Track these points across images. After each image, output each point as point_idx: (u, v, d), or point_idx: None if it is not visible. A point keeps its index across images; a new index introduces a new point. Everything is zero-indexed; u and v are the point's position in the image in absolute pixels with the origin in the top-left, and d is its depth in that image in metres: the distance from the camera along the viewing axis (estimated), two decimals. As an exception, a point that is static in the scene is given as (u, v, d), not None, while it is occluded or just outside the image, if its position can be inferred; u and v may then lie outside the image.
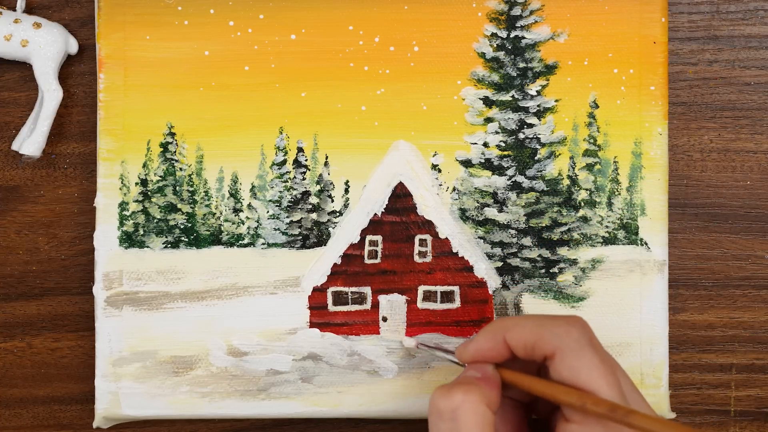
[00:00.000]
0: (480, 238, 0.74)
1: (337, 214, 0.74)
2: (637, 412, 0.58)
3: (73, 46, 0.74)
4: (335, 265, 0.74)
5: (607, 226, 0.74)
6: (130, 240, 0.73)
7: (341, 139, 0.74)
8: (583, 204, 0.74)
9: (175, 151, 0.73)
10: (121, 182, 0.73)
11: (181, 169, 0.74)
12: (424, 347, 0.70)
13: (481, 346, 0.63)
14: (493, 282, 0.74)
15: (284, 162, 0.74)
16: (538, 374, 0.65)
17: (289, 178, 0.74)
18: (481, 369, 0.64)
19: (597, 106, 0.74)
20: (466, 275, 0.74)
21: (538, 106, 0.74)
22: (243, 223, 0.74)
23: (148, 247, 0.73)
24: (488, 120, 0.74)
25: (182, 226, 0.74)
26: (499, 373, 0.64)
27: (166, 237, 0.74)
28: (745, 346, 0.76)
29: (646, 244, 0.73)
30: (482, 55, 0.74)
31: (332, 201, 0.74)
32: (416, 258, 0.74)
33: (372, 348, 0.73)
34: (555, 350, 0.61)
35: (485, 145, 0.74)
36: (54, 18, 0.75)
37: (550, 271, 0.74)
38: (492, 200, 0.74)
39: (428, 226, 0.74)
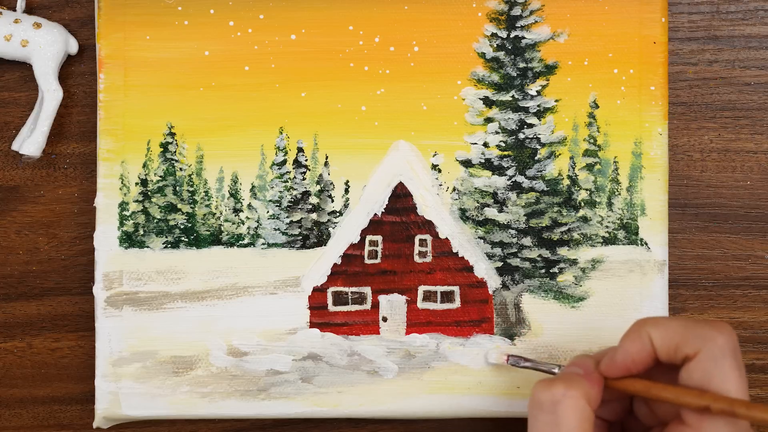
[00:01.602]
0: (480, 238, 0.74)
1: (337, 214, 0.74)
2: (759, 405, 0.56)
3: (73, 46, 0.74)
4: (335, 265, 0.74)
5: (607, 226, 0.74)
6: (130, 240, 0.73)
7: (341, 139, 0.74)
8: (583, 204, 0.74)
9: (175, 151, 0.73)
10: (121, 182, 0.73)
11: (181, 169, 0.74)
12: (515, 363, 0.70)
13: (629, 350, 0.61)
14: (493, 282, 0.74)
15: (284, 162, 0.74)
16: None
17: (289, 178, 0.74)
18: (583, 366, 0.63)
19: (597, 106, 0.74)
20: (466, 275, 0.74)
21: (538, 106, 0.74)
22: (243, 223, 0.74)
23: (148, 247, 0.73)
24: (488, 120, 0.74)
25: (182, 226, 0.74)
26: (609, 382, 0.62)
27: (166, 237, 0.74)
28: (745, 346, 0.76)
29: (646, 244, 0.73)
30: (482, 55, 0.74)
31: (332, 201, 0.74)
32: (416, 258, 0.74)
33: (372, 348, 0.73)
34: (697, 353, 0.59)
35: (485, 145, 0.74)
36: (54, 18, 0.75)
37: (550, 271, 0.74)
38: (492, 200, 0.74)
39: (428, 226, 0.74)
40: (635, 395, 0.63)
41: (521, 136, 0.74)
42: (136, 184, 0.73)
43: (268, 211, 0.74)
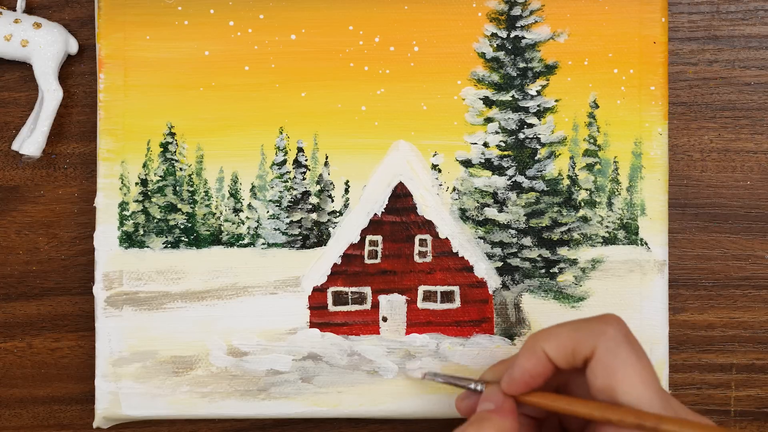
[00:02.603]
0: (480, 238, 0.74)
1: (337, 214, 0.74)
2: (667, 418, 0.57)
3: (73, 46, 0.74)
4: (335, 265, 0.74)
5: (607, 226, 0.74)
6: (130, 240, 0.73)
7: (341, 139, 0.74)
8: (583, 204, 0.74)
9: (175, 151, 0.73)
10: (121, 182, 0.73)
11: (181, 169, 0.74)
12: (431, 378, 0.70)
13: (525, 367, 0.62)
14: (493, 282, 0.74)
15: (284, 162, 0.74)
16: (557, 391, 0.65)
17: (289, 178, 0.74)
18: (493, 398, 0.63)
19: (597, 106, 0.74)
20: (466, 275, 0.74)
21: (538, 106, 0.74)
22: (243, 223, 0.74)
23: (148, 247, 0.73)
24: (488, 120, 0.74)
25: (182, 226, 0.74)
26: (521, 399, 0.63)
27: (166, 237, 0.74)
28: (745, 346, 0.76)
29: (646, 244, 0.73)
30: (482, 55, 0.74)
31: (332, 201, 0.74)
32: (416, 258, 0.74)
33: (372, 348, 0.73)
34: (593, 351, 0.60)
35: (485, 145, 0.74)
36: (54, 18, 0.75)
37: (550, 271, 0.74)
38: (492, 200, 0.74)
39: (428, 226, 0.74)
40: (545, 409, 0.63)
41: (521, 136, 0.74)
42: (136, 184, 0.73)
43: (268, 211, 0.74)
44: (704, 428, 0.57)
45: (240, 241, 0.74)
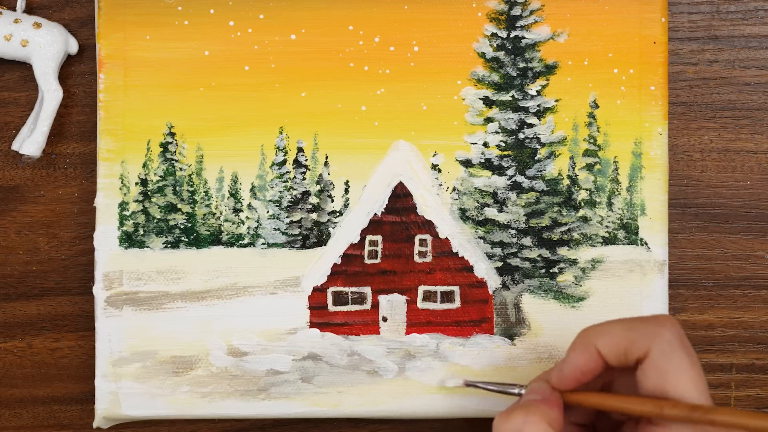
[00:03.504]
0: (480, 238, 0.74)
1: (337, 214, 0.74)
2: (718, 408, 0.56)
3: (73, 46, 0.74)
4: (335, 265, 0.74)
5: (607, 226, 0.74)
6: (130, 240, 0.73)
7: (341, 139, 0.74)
8: (583, 204, 0.74)
9: (175, 151, 0.73)
10: (121, 182, 0.73)
11: (181, 169, 0.74)
12: (472, 385, 0.69)
13: (576, 363, 0.61)
14: (493, 282, 0.74)
15: (284, 162, 0.74)
16: (601, 391, 0.64)
17: (289, 178, 0.74)
18: (540, 391, 0.63)
19: (597, 106, 0.74)
20: (466, 275, 0.74)
21: (538, 106, 0.74)
22: (243, 223, 0.74)
23: (148, 247, 0.73)
24: (488, 120, 0.74)
25: (182, 226, 0.74)
26: (565, 397, 0.62)
27: (166, 237, 0.74)
28: (745, 346, 0.76)
29: (646, 244, 0.73)
30: (482, 55, 0.74)
31: (332, 201, 0.74)
32: (416, 258, 0.74)
33: (372, 348, 0.73)
34: (647, 352, 0.59)
35: (485, 145, 0.74)
36: (54, 18, 0.75)
37: (550, 271, 0.74)
38: (492, 200, 0.74)
39: (428, 226, 0.74)
40: (592, 407, 0.63)
41: (521, 136, 0.74)
42: (136, 184, 0.73)
43: (268, 211, 0.74)
44: (757, 416, 0.56)
45: (240, 241, 0.74)
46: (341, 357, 0.73)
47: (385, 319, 0.74)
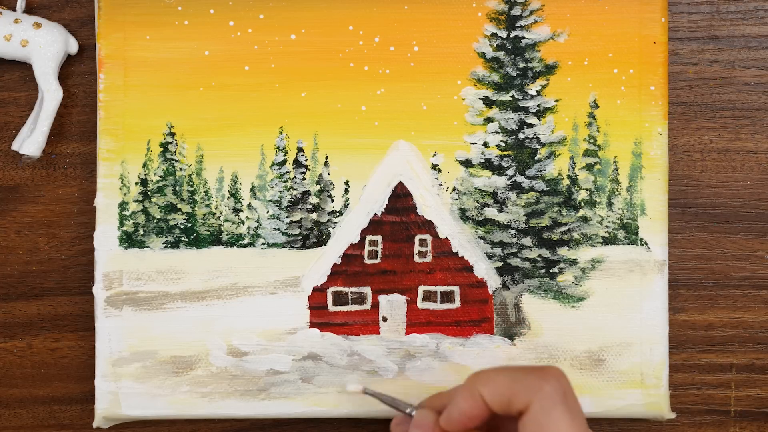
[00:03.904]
0: (480, 238, 0.74)
1: (337, 214, 0.74)
2: None
3: (73, 46, 0.74)
4: (335, 265, 0.74)
5: (607, 226, 0.74)
6: (130, 240, 0.73)
7: (341, 139, 0.74)
8: (583, 204, 0.74)
9: (175, 151, 0.73)
10: (121, 182, 0.73)
11: (181, 169, 0.74)
12: (371, 393, 0.69)
13: (462, 408, 0.62)
14: (493, 282, 0.74)
15: (284, 162, 0.74)
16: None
17: (289, 178, 0.74)
18: (425, 427, 0.64)
19: (597, 106, 0.74)
20: (466, 275, 0.74)
21: (538, 106, 0.74)
22: (243, 223, 0.74)
23: (148, 247, 0.73)
24: (488, 120, 0.74)
25: (182, 226, 0.74)
26: None
27: (166, 237, 0.74)
28: (745, 346, 0.76)
29: (646, 244, 0.73)
30: (482, 55, 0.74)
31: (332, 201, 0.74)
32: (416, 258, 0.74)
33: (372, 348, 0.73)
34: (528, 405, 0.60)
35: (485, 145, 0.74)
36: (54, 18, 0.75)
37: (550, 271, 0.74)
38: (492, 200, 0.74)
39: (428, 226, 0.74)
40: None
41: (521, 136, 0.74)
42: (136, 184, 0.73)
43: (268, 211, 0.74)
44: None
45: (240, 241, 0.74)
46: (341, 357, 0.73)
47: (385, 319, 0.74)
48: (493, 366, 0.65)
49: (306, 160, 0.74)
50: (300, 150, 0.74)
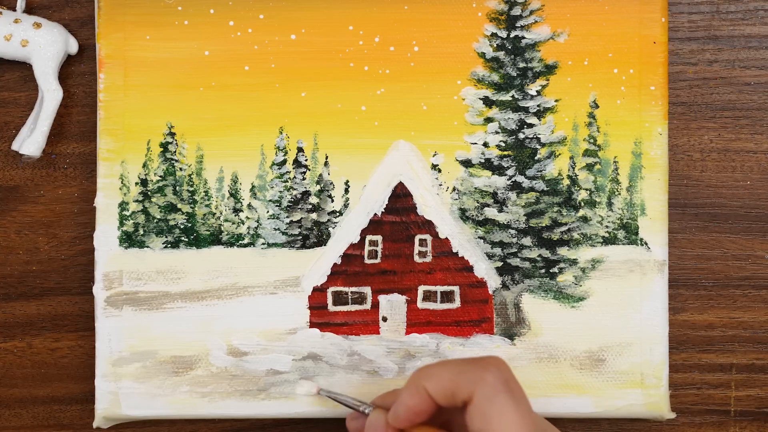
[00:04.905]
0: (480, 238, 0.74)
1: (337, 214, 0.74)
2: None
3: (73, 46, 0.74)
4: (335, 265, 0.74)
5: (607, 226, 0.74)
6: (130, 240, 0.73)
7: (341, 139, 0.74)
8: (583, 204, 0.74)
9: (175, 151, 0.73)
10: (121, 182, 0.73)
11: (181, 169, 0.74)
12: (325, 394, 0.69)
13: (407, 404, 0.63)
14: (493, 282, 0.74)
15: (284, 162, 0.74)
16: (444, 425, 0.65)
17: (289, 178, 0.74)
18: (377, 429, 0.64)
19: (597, 106, 0.74)
20: (466, 275, 0.74)
21: (538, 106, 0.74)
22: (243, 223, 0.74)
23: (148, 247, 0.73)
24: (488, 120, 0.74)
25: (182, 226, 0.74)
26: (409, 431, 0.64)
27: (166, 237, 0.74)
28: (745, 346, 0.76)
29: (646, 244, 0.73)
30: (482, 55, 0.74)
31: (332, 201, 0.74)
32: (416, 258, 0.74)
33: (372, 348, 0.73)
34: (471, 396, 0.60)
35: (485, 145, 0.74)
36: (54, 18, 0.75)
37: (550, 271, 0.74)
38: (492, 200, 0.74)
39: (428, 226, 0.74)
40: None
41: (521, 136, 0.74)
42: (136, 184, 0.73)
43: (268, 211, 0.74)
44: None
45: (240, 241, 0.74)
46: (341, 357, 0.73)
47: (385, 319, 0.74)
48: (437, 361, 0.66)
49: (306, 160, 0.74)
50: (300, 150, 0.74)
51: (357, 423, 0.69)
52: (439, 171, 0.74)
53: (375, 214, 0.74)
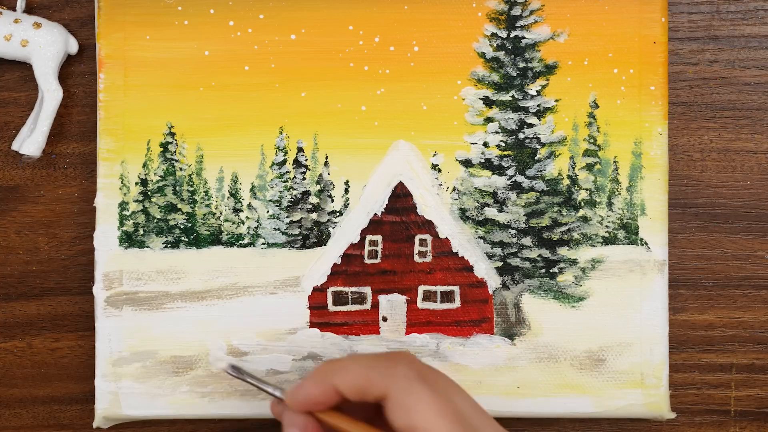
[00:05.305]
0: (480, 238, 0.74)
1: (337, 214, 0.74)
2: None
3: (73, 46, 0.74)
4: (335, 265, 0.74)
5: (607, 226, 0.74)
6: (130, 240, 0.73)
7: (341, 139, 0.74)
8: (583, 204, 0.74)
9: (175, 151, 0.73)
10: (121, 182, 0.73)
11: (181, 169, 0.74)
12: (235, 374, 0.66)
13: (310, 393, 0.62)
14: (493, 282, 0.74)
15: (284, 162, 0.74)
16: (375, 413, 0.64)
17: (289, 178, 0.74)
18: (297, 422, 0.63)
19: (597, 106, 0.74)
20: (466, 275, 0.74)
21: (538, 106, 0.74)
22: (243, 223, 0.74)
23: (148, 247, 0.73)
24: (488, 120, 0.74)
25: (182, 226, 0.74)
26: (323, 418, 0.63)
27: (166, 237, 0.74)
28: (745, 346, 0.76)
29: (646, 244, 0.73)
30: (482, 55, 0.74)
31: (332, 201, 0.74)
32: (416, 258, 0.74)
33: (372, 348, 0.73)
34: (386, 391, 0.60)
35: (485, 145, 0.74)
36: (54, 18, 0.75)
37: (550, 271, 0.74)
38: (492, 200, 0.74)
39: (428, 226, 0.74)
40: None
41: (521, 136, 0.74)
42: (136, 183, 0.73)
43: (268, 211, 0.74)
44: None
45: (240, 241, 0.74)
46: (341, 357, 0.73)
47: (385, 319, 0.74)
48: (346, 355, 0.65)
49: (306, 160, 0.74)
50: (300, 150, 0.74)
51: (280, 408, 0.66)
52: (439, 171, 0.74)
53: (375, 214, 0.74)
